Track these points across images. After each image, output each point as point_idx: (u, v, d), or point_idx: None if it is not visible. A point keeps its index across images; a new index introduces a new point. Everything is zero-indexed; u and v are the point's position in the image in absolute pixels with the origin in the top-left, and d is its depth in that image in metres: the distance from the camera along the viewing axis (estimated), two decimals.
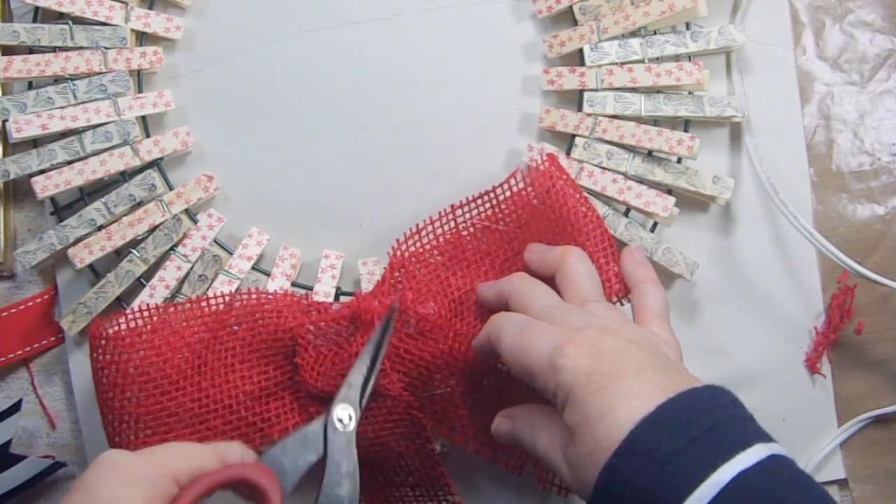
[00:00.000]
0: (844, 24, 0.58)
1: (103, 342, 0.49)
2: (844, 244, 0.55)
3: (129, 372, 0.49)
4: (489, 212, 0.51)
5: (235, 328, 0.50)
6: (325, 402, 0.50)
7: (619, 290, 0.49)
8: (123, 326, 0.49)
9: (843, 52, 0.58)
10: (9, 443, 0.55)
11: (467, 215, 0.52)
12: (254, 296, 0.51)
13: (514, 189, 0.51)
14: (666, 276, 0.56)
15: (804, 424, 0.56)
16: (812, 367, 0.56)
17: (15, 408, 0.55)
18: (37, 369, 0.57)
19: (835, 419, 0.56)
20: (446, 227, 0.52)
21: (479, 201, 0.52)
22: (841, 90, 0.58)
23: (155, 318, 0.50)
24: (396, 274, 0.51)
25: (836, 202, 0.57)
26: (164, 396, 0.49)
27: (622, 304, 0.50)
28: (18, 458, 0.55)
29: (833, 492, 0.57)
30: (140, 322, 0.50)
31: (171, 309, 0.50)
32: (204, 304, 0.51)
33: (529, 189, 0.51)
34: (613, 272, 0.50)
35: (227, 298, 0.51)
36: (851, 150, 0.57)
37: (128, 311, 0.50)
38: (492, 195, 0.51)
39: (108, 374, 0.49)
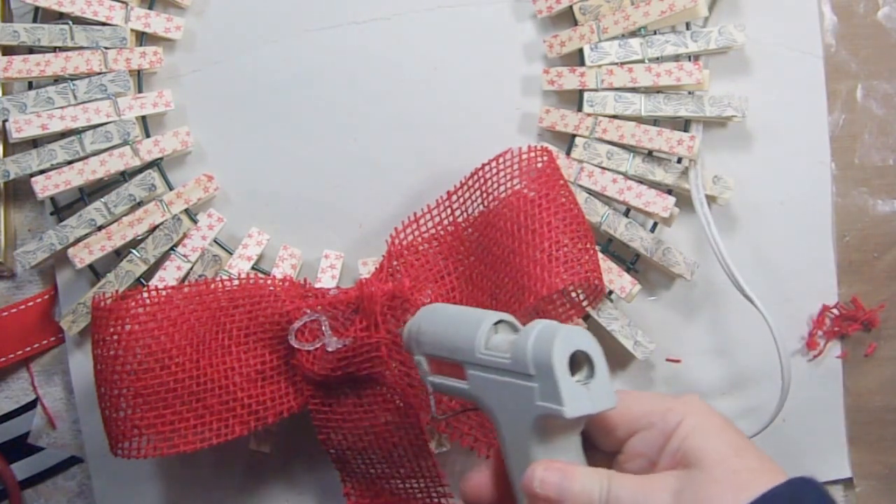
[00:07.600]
0: (874, 18, 0.58)
1: (106, 312, 0.49)
2: (863, 239, 0.55)
3: (129, 343, 0.49)
4: (480, 191, 0.51)
5: (234, 311, 0.51)
6: (320, 385, 0.50)
7: (597, 283, 0.49)
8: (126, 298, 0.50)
9: (871, 46, 0.57)
10: (27, 434, 0.56)
11: (461, 200, 0.52)
12: (252, 280, 0.51)
13: (503, 166, 0.51)
14: (666, 276, 0.56)
15: (806, 424, 0.56)
16: (812, 344, 0.56)
17: (33, 403, 0.57)
18: (37, 369, 0.57)
19: (842, 418, 0.56)
20: (444, 215, 0.52)
21: (471, 181, 0.51)
22: (867, 84, 0.57)
23: (156, 294, 0.50)
24: (395, 262, 0.51)
25: (856, 196, 0.57)
26: (164, 371, 0.49)
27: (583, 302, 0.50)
28: (37, 449, 0.56)
29: (836, 492, 0.57)
30: (143, 295, 0.50)
31: (172, 290, 0.51)
32: (204, 286, 0.51)
33: (516, 170, 0.51)
34: (592, 261, 0.49)
35: (226, 283, 0.51)
36: (875, 146, 0.57)
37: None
38: (481, 173, 0.51)
39: (108, 346, 0.49)
